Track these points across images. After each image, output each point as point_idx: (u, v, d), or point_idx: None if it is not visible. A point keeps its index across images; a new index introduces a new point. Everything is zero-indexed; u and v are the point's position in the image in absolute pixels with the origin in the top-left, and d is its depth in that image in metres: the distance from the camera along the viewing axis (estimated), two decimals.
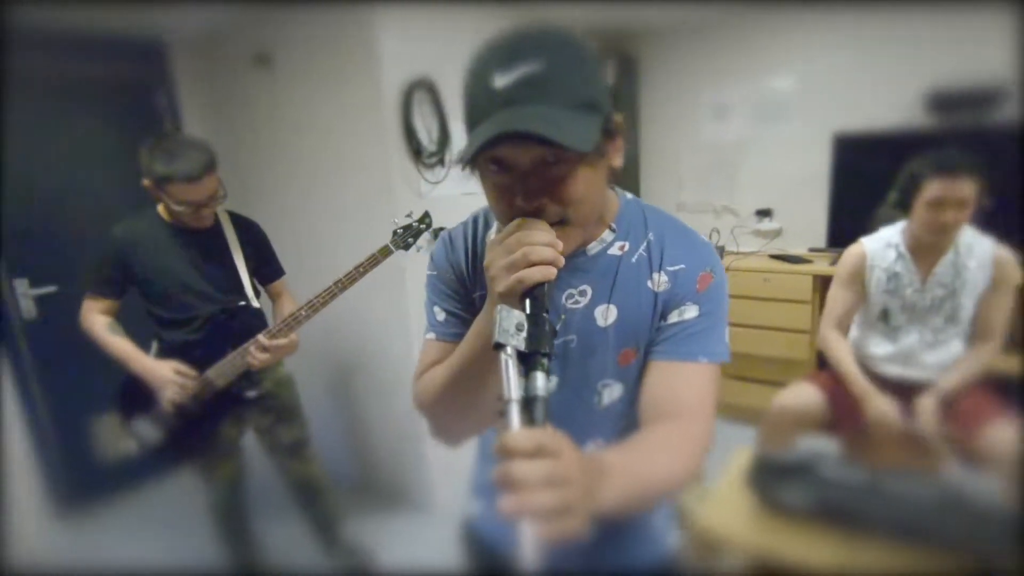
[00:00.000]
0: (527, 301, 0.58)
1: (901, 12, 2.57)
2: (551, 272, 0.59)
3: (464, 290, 0.81)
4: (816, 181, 2.89)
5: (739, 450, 1.57)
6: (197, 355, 1.61)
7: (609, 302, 0.75)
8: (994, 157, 1.60)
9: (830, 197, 2.83)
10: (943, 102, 2.52)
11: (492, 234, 0.81)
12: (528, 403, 0.50)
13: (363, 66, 2.02)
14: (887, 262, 1.76)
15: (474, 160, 0.63)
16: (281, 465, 1.89)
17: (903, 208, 1.69)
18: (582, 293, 0.76)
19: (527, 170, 0.62)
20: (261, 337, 1.57)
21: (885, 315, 1.80)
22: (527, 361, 0.53)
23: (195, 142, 1.54)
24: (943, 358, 1.73)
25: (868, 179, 2.51)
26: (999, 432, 1.55)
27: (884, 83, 2.69)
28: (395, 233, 1.68)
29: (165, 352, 1.64)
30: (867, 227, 1.89)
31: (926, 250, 1.71)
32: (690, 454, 0.68)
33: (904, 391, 1.75)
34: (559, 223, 0.64)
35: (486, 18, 2.34)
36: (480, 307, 0.78)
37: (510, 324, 0.55)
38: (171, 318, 1.62)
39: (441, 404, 0.76)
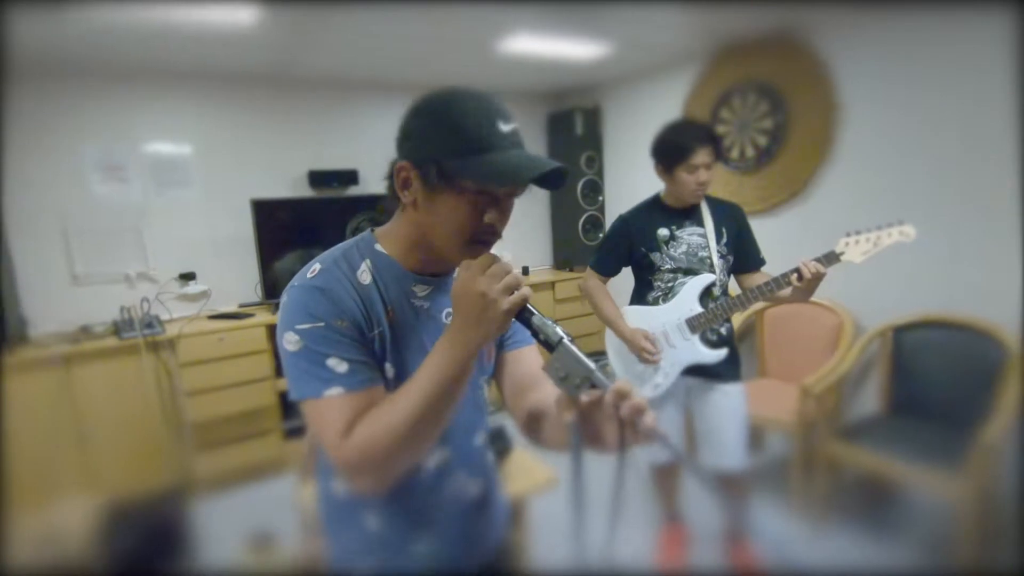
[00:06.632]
0: (526, 312, 0.74)
1: (287, 112, 3.22)
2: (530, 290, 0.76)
3: (361, 335, 0.80)
4: (240, 241, 3.14)
5: None
6: None
7: None
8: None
9: (258, 253, 3.10)
10: (317, 179, 3.34)
11: (364, 275, 0.84)
12: (603, 369, 0.74)
13: None
14: None
15: (450, 178, 0.74)
16: None
17: None
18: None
19: (506, 196, 0.78)
20: None
21: None
22: (575, 345, 0.72)
23: None
24: None
25: (281, 234, 3.14)
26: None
27: (280, 162, 3.31)
28: None
29: None
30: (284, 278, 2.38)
31: None
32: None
33: None
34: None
35: None
36: (383, 345, 0.84)
37: (551, 325, 0.74)
38: None
39: (402, 443, 0.75)
